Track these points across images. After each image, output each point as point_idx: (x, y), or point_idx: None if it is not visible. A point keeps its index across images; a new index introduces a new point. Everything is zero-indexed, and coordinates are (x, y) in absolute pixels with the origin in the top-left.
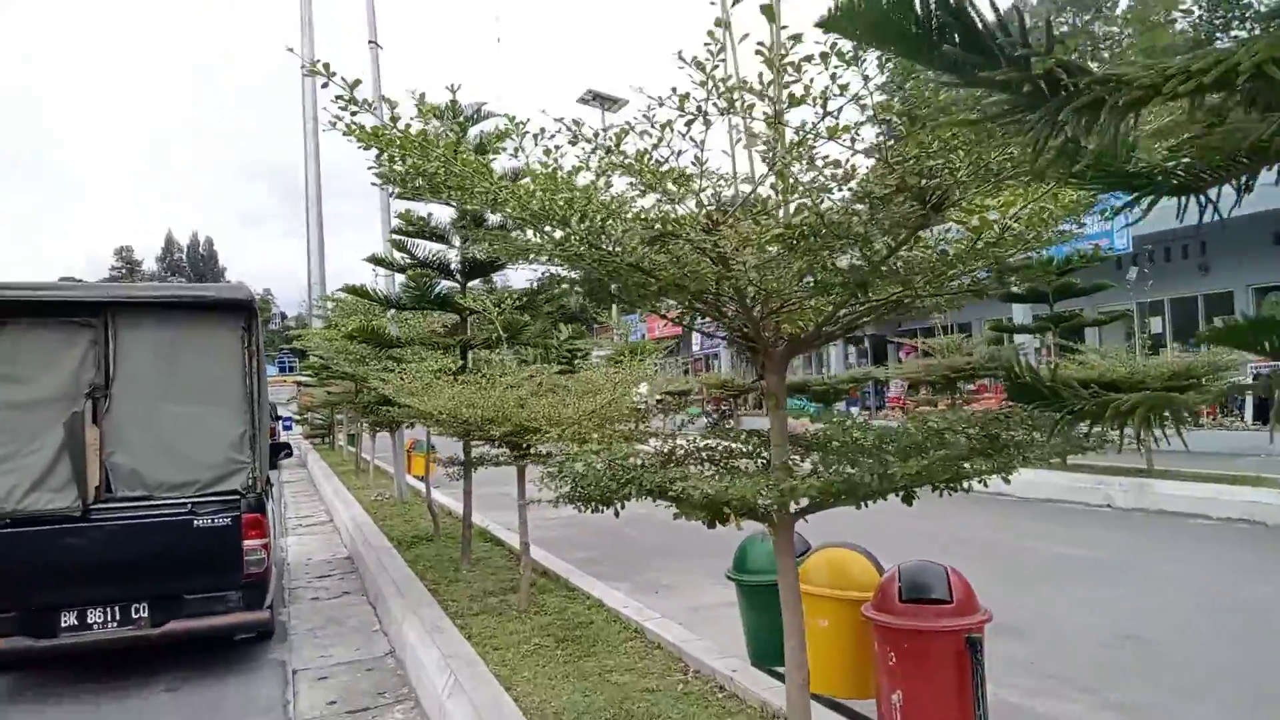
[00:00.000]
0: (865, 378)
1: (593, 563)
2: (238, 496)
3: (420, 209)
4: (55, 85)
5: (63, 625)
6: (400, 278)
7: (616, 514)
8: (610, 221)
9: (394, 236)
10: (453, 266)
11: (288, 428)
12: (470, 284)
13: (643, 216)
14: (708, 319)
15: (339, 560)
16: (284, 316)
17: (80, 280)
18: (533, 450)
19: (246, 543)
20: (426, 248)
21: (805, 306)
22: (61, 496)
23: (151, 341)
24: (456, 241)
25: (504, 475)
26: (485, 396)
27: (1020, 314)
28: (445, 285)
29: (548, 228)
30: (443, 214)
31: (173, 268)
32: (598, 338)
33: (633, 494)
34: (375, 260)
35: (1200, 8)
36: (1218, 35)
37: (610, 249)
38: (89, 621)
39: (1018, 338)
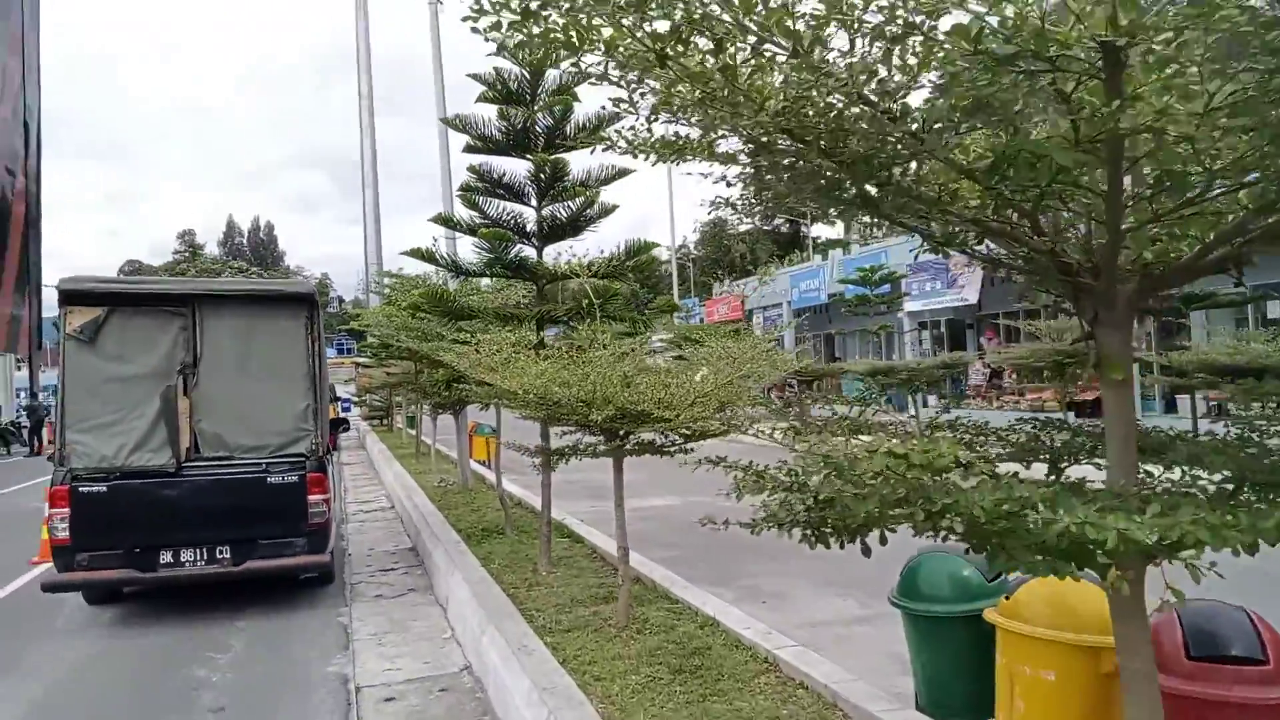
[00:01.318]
0: (959, 363)
1: (681, 563)
2: (303, 458)
3: (496, 162)
4: (119, 71)
5: (161, 562)
6: (468, 244)
7: (867, 551)
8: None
9: (461, 193)
10: (529, 228)
11: (346, 409)
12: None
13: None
14: (1006, 241)
15: (402, 552)
16: (341, 301)
17: (143, 264)
18: (631, 438)
19: (310, 497)
20: (500, 207)
21: (1208, 211)
22: (159, 455)
23: (231, 328)
24: (533, 200)
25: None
26: (581, 374)
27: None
28: (518, 250)
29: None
30: (518, 169)
31: (234, 252)
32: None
33: (954, 527)
34: (441, 220)
35: None
36: None
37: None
38: (182, 560)
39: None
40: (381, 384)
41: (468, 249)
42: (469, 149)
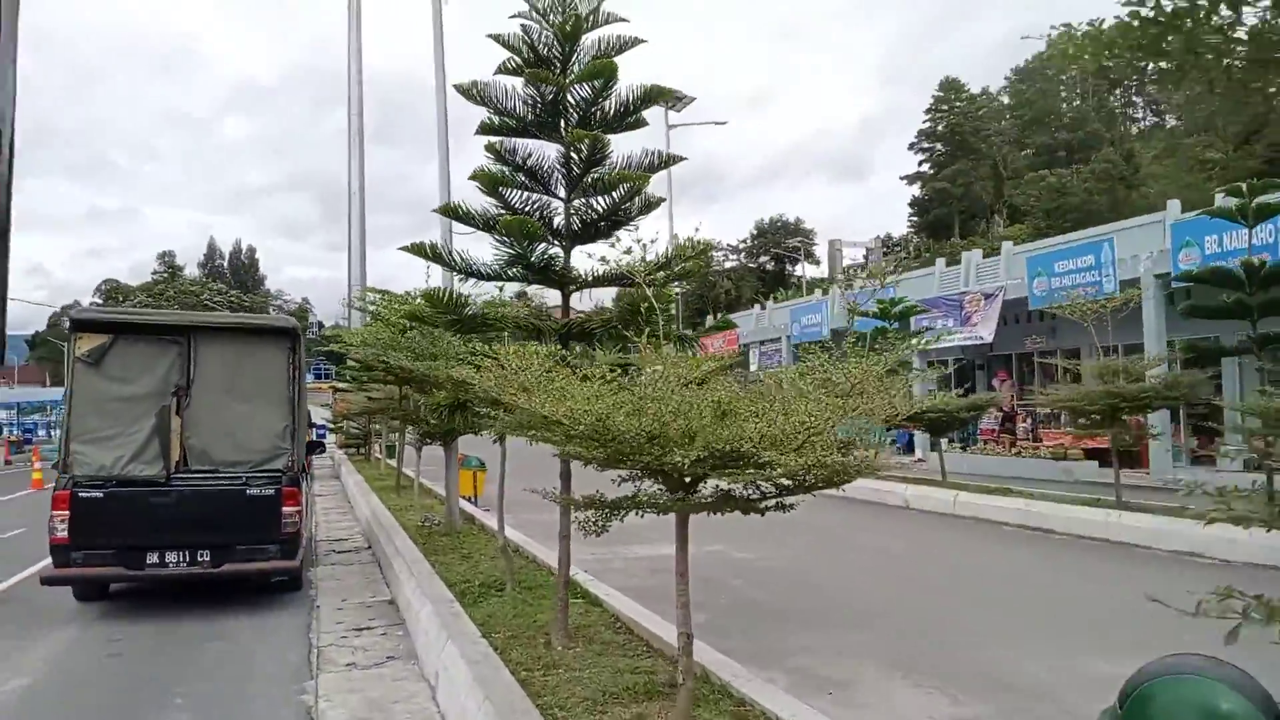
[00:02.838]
0: (990, 403)
1: (712, 631)
2: (280, 474)
3: (519, 144)
4: (106, 92)
5: (148, 562)
6: (473, 247)
7: None
8: None
9: (478, 175)
10: (556, 223)
11: (322, 435)
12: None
13: None
14: None
15: (380, 605)
16: (321, 326)
17: (120, 284)
18: (702, 486)
19: (285, 508)
20: (521, 197)
21: None
22: (151, 466)
23: (221, 356)
24: (561, 190)
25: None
26: (659, 398)
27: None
28: (544, 250)
29: None
30: (544, 152)
31: (214, 274)
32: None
33: None
34: (448, 211)
35: None
36: None
37: None
38: (167, 561)
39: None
40: (361, 410)
41: (477, 252)
42: (484, 129)
